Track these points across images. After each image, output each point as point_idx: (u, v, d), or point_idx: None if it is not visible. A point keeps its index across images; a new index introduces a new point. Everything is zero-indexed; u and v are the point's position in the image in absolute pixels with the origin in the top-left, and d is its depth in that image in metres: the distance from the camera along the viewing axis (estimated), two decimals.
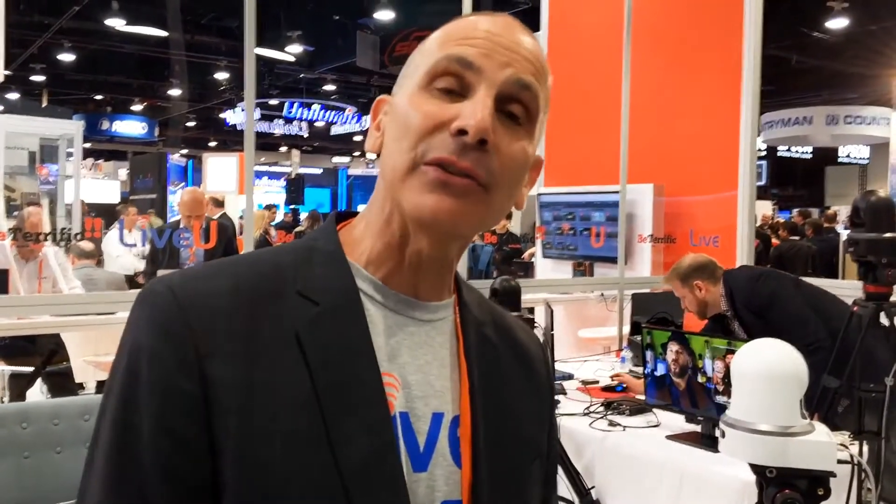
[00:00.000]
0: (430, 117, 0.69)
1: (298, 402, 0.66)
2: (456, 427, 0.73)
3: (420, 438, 0.71)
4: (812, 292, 3.07)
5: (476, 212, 0.70)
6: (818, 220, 10.56)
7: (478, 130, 0.67)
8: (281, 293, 0.70)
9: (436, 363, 0.75)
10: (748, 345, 1.33)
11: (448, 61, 0.70)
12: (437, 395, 0.73)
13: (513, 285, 2.77)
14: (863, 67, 14.99)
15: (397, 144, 0.71)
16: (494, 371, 0.79)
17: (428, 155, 0.68)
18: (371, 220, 0.75)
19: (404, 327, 0.74)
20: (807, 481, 1.28)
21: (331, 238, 0.76)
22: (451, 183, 0.68)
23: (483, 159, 0.68)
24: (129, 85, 19.30)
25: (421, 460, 0.70)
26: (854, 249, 2.37)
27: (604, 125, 5.13)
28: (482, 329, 0.80)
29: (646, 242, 5.20)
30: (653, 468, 2.47)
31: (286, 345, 0.68)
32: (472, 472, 0.72)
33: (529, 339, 0.88)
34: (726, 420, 1.33)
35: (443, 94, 0.70)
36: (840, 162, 21.55)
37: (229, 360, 0.66)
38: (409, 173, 0.69)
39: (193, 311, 0.67)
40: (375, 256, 0.74)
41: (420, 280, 0.75)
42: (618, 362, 3.86)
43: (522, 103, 0.72)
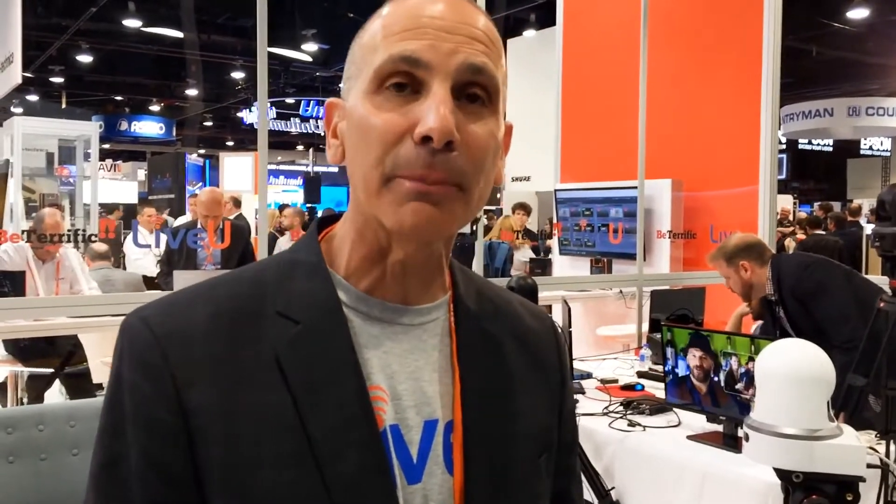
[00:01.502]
0: (389, 127, 0.65)
1: (282, 427, 0.65)
2: (450, 433, 0.72)
3: (412, 449, 0.70)
4: (865, 287, 2.94)
5: (456, 212, 0.67)
6: (840, 214, 10.41)
7: (442, 134, 0.63)
8: (261, 313, 0.69)
9: (428, 368, 0.72)
10: (773, 345, 1.29)
11: (393, 62, 0.66)
12: (429, 401, 0.71)
13: (529, 283, 2.73)
14: (884, 58, 14.78)
15: (362, 158, 0.68)
16: (495, 368, 0.76)
17: (398, 171, 0.65)
18: (348, 229, 0.73)
19: (392, 336, 0.72)
20: (835, 486, 1.24)
21: (312, 249, 0.74)
22: (429, 192, 0.65)
23: (454, 161, 0.65)
24: (147, 85, 19.44)
25: (415, 471, 0.69)
26: (880, 244, 2.30)
27: (621, 120, 5.07)
28: (481, 324, 0.77)
29: (665, 238, 5.14)
30: (674, 469, 2.43)
31: (266, 368, 0.66)
32: (463, 478, 0.71)
33: (540, 325, 0.85)
34: (750, 423, 1.29)
35: (396, 95, 0.66)
36: (862, 154, 21.29)
37: (209, 389, 0.65)
38: (381, 187, 0.66)
39: (169, 342, 0.66)
40: (356, 267, 0.72)
41: (407, 285, 0.72)
42: (637, 360, 3.81)
43: (480, 85, 0.68)
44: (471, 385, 0.73)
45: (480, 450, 0.72)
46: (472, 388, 0.73)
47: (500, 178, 0.74)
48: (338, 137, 0.73)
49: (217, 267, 4.43)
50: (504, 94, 0.72)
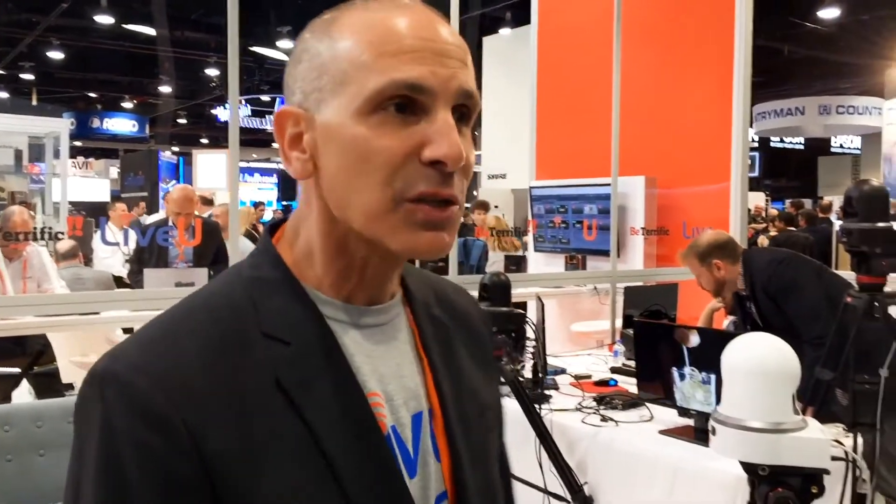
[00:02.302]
0: (397, 150, 0.65)
1: (300, 452, 0.63)
2: (431, 421, 0.74)
3: (409, 445, 0.71)
4: (835, 282, 2.97)
5: (456, 230, 0.70)
6: (811, 211, 10.54)
7: (457, 160, 0.65)
8: (247, 339, 0.66)
9: (405, 362, 0.74)
10: (739, 339, 1.30)
11: (398, 88, 0.65)
12: (413, 395, 0.73)
13: (503, 280, 2.74)
14: (855, 57, 14.99)
15: (359, 180, 0.66)
16: (450, 351, 0.79)
17: (410, 191, 0.66)
18: (317, 241, 0.71)
19: (371, 338, 0.72)
20: (800, 479, 1.25)
21: (276, 264, 0.71)
22: (439, 219, 0.67)
23: (457, 180, 0.68)
24: (120, 82, 19.23)
25: (412, 466, 0.71)
26: (847, 239, 2.33)
27: (595, 117, 5.09)
28: (430, 311, 0.79)
29: (638, 235, 5.17)
30: (646, 463, 2.44)
31: (269, 394, 0.64)
32: (451, 461, 0.74)
33: (467, 302, 0.88)
34: (717, 417, 1.29)
35: (395, 116, 0.66)
36: (833, 152, 21.58)
37: (222, 429, 0.61)
38: (389, 211, 0.66)
39: (169, 386, 0.61)
40: (333, 280, 0.71)
41: (380, 287, 0.74)
42: (611, 356, 3.82)
43: (467, 108, 0.70)
44: (439, 372, 0.76)
45: (459, 433, 0.74)
46: (441, 375, 0.76)
47: None
48: (302, 150, 0.70)
49: (189, 265, 4.38)
50: None
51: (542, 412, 2.66)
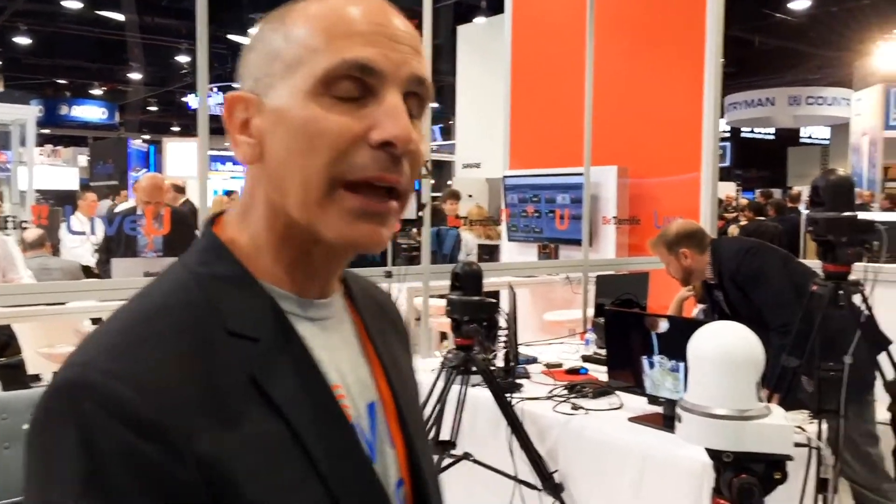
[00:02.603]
0: (345, 131, 0.64)
1: (285, 452, 0.63)
2: (381, 409, 0.74)
3: (368, 435, 0.71)
4: (800, 271, 3.01)
5: (396, 224, 0.69)
6: (781, 201, 10.67)
7: (405, 141, 0.65)
8: (214, 339, 0.63)
9: (353, 354, 0.74)
10: (705, 328, 1.31)
11: (348, 68, 0.65)
12: (366, 385, 0.74)
13: (475, 269, 2.73)
14: (824, 48, 15.18)
15: (303, 161, 0.65)
16: (386, 341, 0.80)
17: (350, 174, 0.64)
18: (259, 234, 0.70)
19: (326, 331, 0.72)
20: (763, 465, 1.27)
21: (228, 259, 0.69)
22: (377, 211, 0.66)
23: (405, 167, 0.66)
24: (89, 69, 18.92)
25: (372, 455, 0.71)
26: (814, 229, 2.36)
27: (569, 107, 5.11)
28: (363, 301, 0.80)
29: (610, 224, 5.21)
30: (615, 451, 2.46)
31: (246, 393, 0.62)
32: (406, 448, 0.75)
33: (385, 297, 0.89)
34: (683, 404, 1.31)
35: (344, 100, 0.65)
36: (802, 142, 21.87)
37: (208, 434, 0.58)
38: (325, 197, 0.65)
39: (153, 392, 0.58)
40: (282, 273, 0.70)
41: (329, 282, 0.73)
42: (582, 345, 3.85)
43: (419, 97, 0.69)
44: (385, 362, 0.77)
45: (409, 421, 0.76)
46: (387, 365, 0.77)
47: None
48: (251, 135, 0.69)
49: (159, 254, 4.32)
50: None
51: (513, 401, 2.67)
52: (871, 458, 2.76)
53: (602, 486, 2.49)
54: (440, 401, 2.62)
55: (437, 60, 11.41)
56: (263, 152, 0.68)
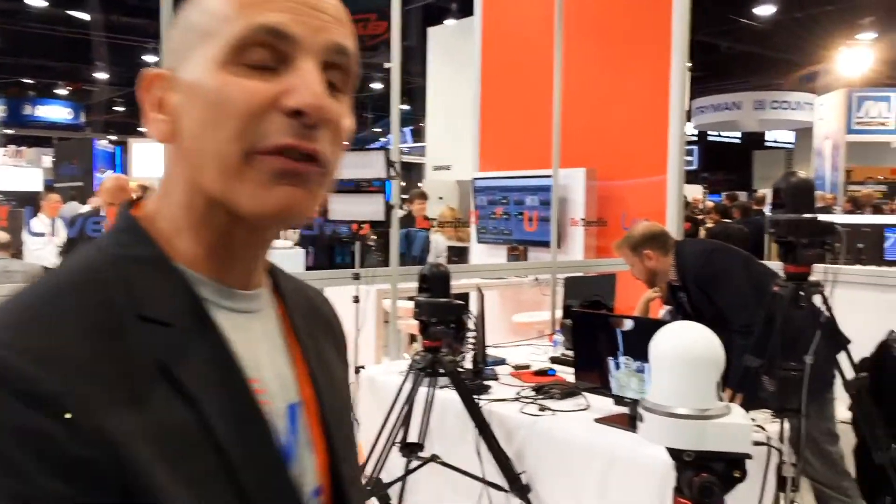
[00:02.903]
0: (254, 98, 0.61)
1: (193, 443, 0.59)
2: (303, 413, 0.71)
3: (284, 437, 0.68)
4: (761, 272, 3.04)
5: (319, 194, 0.65)
6: (746, 203, 10.83)
7: (318, 110, 0.62)
8: (125, 320, 0.60)
9: (274, 352, 0.71)
10: (665, 328, 1.32)
11: (257, 33, 0.62)
12: (286, 385, 0.70)
13: (442, 271, 2.73)
14: (789, 53, 15.43)
15: (214, 132, 0.62)
16: (317, 343, 0.77)
17: (264, 142, 0.61)
18: (177, 215, 0.66)
19: (247, 324, 0.68)
20: (723, 464, 1.28)
21: (145, 241, 0.66)
22: (298, 171, 0.62)
23: (322, 137, 0.63)
24: (54, 68, 18.63)
25: (289, 457, 0.68)
26: (775, 230, 2.40)
27: (538, 110, 5.14)
28: (294, 300, 0.77)
29: (578, 226, 5.24)
30: (582, 451, 2.48)
31: (155, 380, 0.59)
32: (328, 454, 0.71)
33: (323, 301, 0.86)
34: (644, 404, 1.32)
35: (256, 68, 0.62)
36: (767, 146, 22.21)
37: (112, 412, 0.55)
38: (241, 166, 0.61)
39: (56, 366, 0.55)
40: (202, 256, 0.66)
41: (250, 271, 0.70)
42: (550, 346, 3.87)
43: (341, 69, 0.66)
44: (312, 363, 0.73)
45: (334, 425, 0.72)
46: (314, 366, 0.73)
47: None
48: (165, 112, 0.66)
49: None
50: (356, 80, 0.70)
51: (481, 403, 2.68)
52: (832, 456, 2.80)
53: (568, 487, 2.50)
54: (408, 403, 2.62)
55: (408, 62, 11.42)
56: (178, 129, 0.65)
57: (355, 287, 3.49)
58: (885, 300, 4.06)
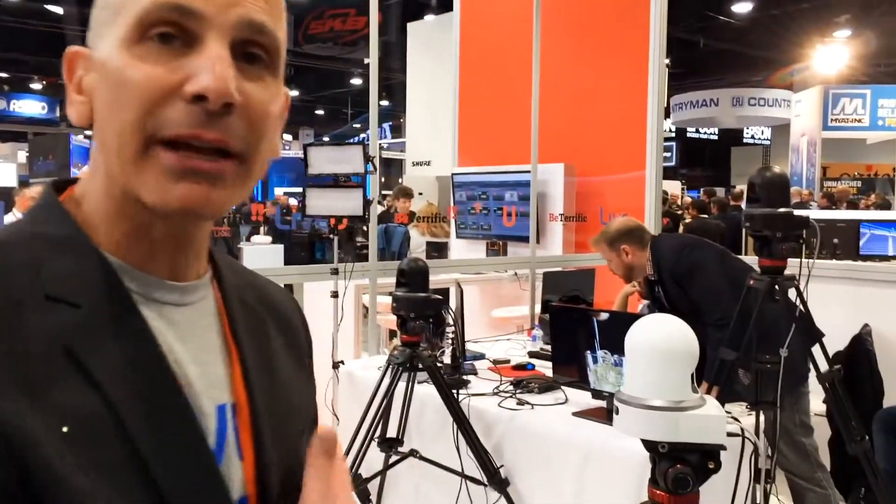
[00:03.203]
0: (153, 82, 0.57)
1: (99, 431, 0.55)
2: (234, 416, 0.66)
3: (210, 439, 0.62)
4: (736, 266, 3.06)
5: (236, 188, 0.61)
6: (724, 199, 10.92)
7: (220, 94, 0.56)
8: (29, 300, 0.56)
9: (208, 349, 0.66)
10: (641, 321, 1.33)
11: (160, 9, 0.58)
12: (216, 385, 0.65)
13: (420, 265, 2.73)
14: (766, 51, 15.56)
15: (116, 117, 0.58)
16: (264, 343, 0.72)
17: (163, 131, 0.57)
18: (99, 200, 0.63)
19: (167, 317, 0.64)
20: (698, 455, 1.29)
21: (63, 220, 0.62)
22: (200, 169, 0.58)
23: (233, 124, 0.58)
24: (28, 62, 18.37)
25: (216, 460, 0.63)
26: (750, 224, 2.42)
27: (516, 106, 5.14)
28: (241, 296, 0.72)
29: (557, 221, 5.26)
30: (559, 445, 2.49)
31: (58, 364, 0.55)
32: (255, 462, 0.65)
33: (285, 298, 0.81)
34: (620, 397, 1.33)
35: (161, 47, 0.58)
36: (745, 143, 22.39)
37: (12, 403, 0.52)
38: (140, 156, 0.58)
39: None
40: (121, 242, 0.63)
41: (177, 261, 0.65)
42: (529, 341, 3.88)
43: (262, 47, 0.61)
44: (250, 363, 0.68)
45: (267, 431, 0.67)
46: (251, 367, 0.68)
47: (278, 151, 0.68)
48: (83, 93, 0.63)
49: None
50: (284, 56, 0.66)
51: (459, 397, 2.68)
52: (806, 448, 2.84)
53: (546, 480, 2.52)
54: (387, 398, 2.62)
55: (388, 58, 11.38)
56: (94, 111, 0.62)
57: (333, 282, 3.48)
58: (859, 294, 4.12)
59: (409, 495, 2.97)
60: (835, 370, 2.47)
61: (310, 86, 20.77)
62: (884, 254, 4.54)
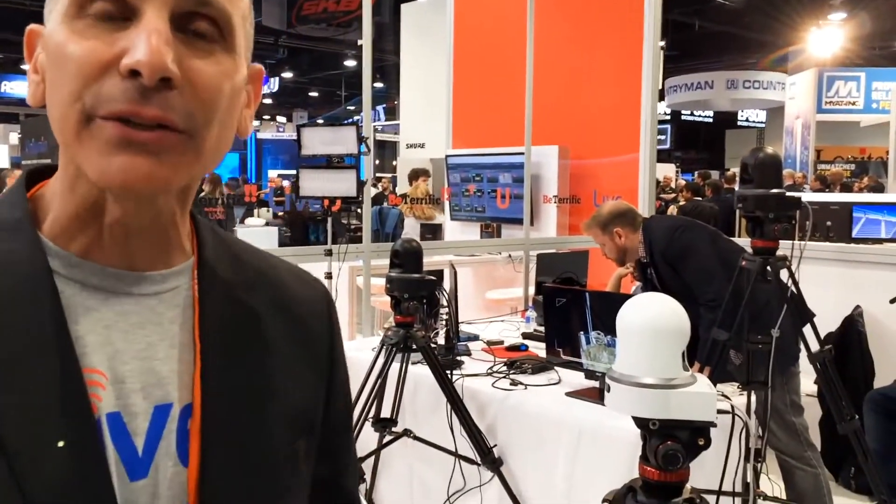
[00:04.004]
0: (90, 57, 0.55)
1: None
2: (187, 418, 0.62)
3: (138, 440, 0.59)
4: (728, 247, 3.07)
5: (182, 164, 0.58)
6: (718, 182, 10.93)
7: (154, 68, 0.54)
8: None
9: (163, 344, 0.63)
10: (632, 300, 1.34)
11: None
12: (161, 383, 0.62)
13: (414, 247, 2.74)
14: (760, 33, 15.52)
15: (58, 93, 0.57)
16: (247, 343, 0.67)
17: (100, 108, 0.55)
18: (55, 184, 0.62)
19: (115, 307, 0.61)
20: (688, 432, 1.31)
21: (17, 204, 0.62)
22: (139, 140, 0.55)
23: (173, 100, 0.56)
24: (18, 43, 18.21)
25: (140, 466, 0.59)
26: (743, 205, 2.42)
27: (510, 88, 5.13)
28: (234, 293, 0.68)
29: (551, 203, 5.26)
30: (552, 425, 2.51)
31: None
32: (199, 469, 0.61)
33: (309, 292, 0.77)
34: (612, 375, 1.34)
35: (102, 22, 0.56)
36: (739, 125, 22.39)
37: None
38: (81, 130, 0.56)
39: None
40: (66, 227, 0.61)
41: (133, 248, 0.62)
42: (523, 322, 3.90)
43: (208, 18, 0.59)
44: (213, 363, 0.64)
45: (220, 436, 0.62)
46: (214, 367, 0.64)
47: (246, 129, 0.66)
48: (39, 73, 0.61)
49: None
50: (247, 32, 0.64)
51: (453, 378, 2.69)
52: (795, 428, 2.86)
53: (539, 459, 2.54)
54: (381, 378, 2.63)
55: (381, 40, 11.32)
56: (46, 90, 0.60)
57: (327, 263, 3.49)
58: (851, 276, 4.14)
59: (403, 475, 2.99)
60: (826, 350, 2.48)
61: (303, 67, 20.66)
62: (876, 236, 4.57)
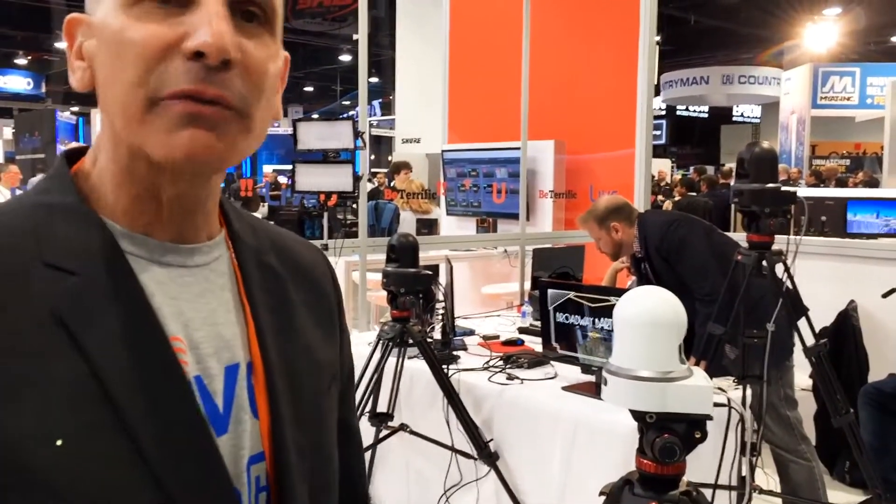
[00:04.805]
0: (153, 40, 0.58)
1: (77, 394, 0.56)
2: (251, 374, 0.68)
3: (217, 399, 0.65)
4: (723, 242, 3.08)
5: (237, 140, 0.62)
6: (713, 177, 10.96)
7: (219, 50, 0.58)
8: (25, 267, 0.58)
9: (221, 309, 0.68)
10: (629, 293, 1.34)
11: None
12: (227, 345, 0.67)
13: (410, 241, 2.74)
14: (756, 28, 15.54)
15: (118, 78, 0.60)
16: (282, 302, 0.73)
17: (165, 88, 0.58)
18: (106, 167, 0.65)
19: (179, 279, 0.65)
20: (685, 425, 1.31)
21: (67, 189, 0.64)
22: (203, 114, 0.59)
23: (231, 81, 0.60)
24: (13, 37, 18.14)
25: (222, 422, 0.65)
26: (738, 200, 2.43)
27: (506, 82, 5.12)
28: (263, 258, 0.73)
29: (547, 198, 5.26)
30: (548, 419, 2.51)
31: (45, 328, 0.56)
32: (269, 419, 0.67)
33: (314, 255, 0.83)
34: (608, 368, 1.34)
35: (159, 7, 0.59)
36: (734, 120, 22.42)
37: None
38: (146, 112, 0.59)
39: None
40: (127, 208, 0.64)
41: (186, 223, 0.67)
42: (519, 317, 3.90)
43: (258, 5, 0.62)
44: (263, 322, 0.70)
45: (282, 388, 0.69)
46: (265, 325, 0.70)
47: (280, 112, 0.69)
48: (84, 59, 0.64)
49: None
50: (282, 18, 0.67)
51: (449, 372, 2.70)
52: (790, 421, 2.88)
53: (535, 453, 2.54)
54: (377, 372, 2.63)
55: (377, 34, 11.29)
56: (95, 76, 0.63)
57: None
58: (846, 271, 4.15)
59: (400, 469, 2.99)
60: (821, 344, 2.49)
61: (298, 62, 20.60)
62: (870, 231, 4.58)
